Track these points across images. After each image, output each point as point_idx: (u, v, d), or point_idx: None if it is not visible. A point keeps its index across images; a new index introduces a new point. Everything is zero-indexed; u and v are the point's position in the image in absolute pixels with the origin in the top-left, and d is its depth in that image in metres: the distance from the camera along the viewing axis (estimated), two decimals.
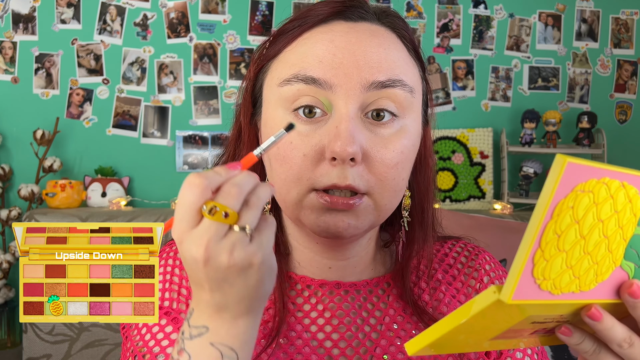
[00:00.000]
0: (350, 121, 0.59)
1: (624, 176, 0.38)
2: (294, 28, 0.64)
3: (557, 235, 0.36)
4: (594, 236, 0.38)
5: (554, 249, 0.37)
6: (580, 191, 0.36)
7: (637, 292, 0.42)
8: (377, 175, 0.60)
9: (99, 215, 2.30)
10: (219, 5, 2.79)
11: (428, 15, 2.86)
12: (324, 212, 0.60)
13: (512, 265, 0.36)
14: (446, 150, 2.78)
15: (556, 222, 0.36)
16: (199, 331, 0.50)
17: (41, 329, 2.11)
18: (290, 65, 0.61)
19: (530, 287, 0.37)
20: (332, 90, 0.59)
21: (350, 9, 0.64)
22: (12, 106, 2.65)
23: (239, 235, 0.46)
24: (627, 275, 0.42)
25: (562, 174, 0.34)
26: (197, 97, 2.77)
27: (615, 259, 0.40)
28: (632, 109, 2.88)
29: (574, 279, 0.39)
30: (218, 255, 0.46)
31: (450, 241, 0.77)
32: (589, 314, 0.42)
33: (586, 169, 0.36)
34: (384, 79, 0.60)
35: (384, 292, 0.69)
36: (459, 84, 2.87)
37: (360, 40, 0.61)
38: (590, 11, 2.88)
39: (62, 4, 2.70)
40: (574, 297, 0.40)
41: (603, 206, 0.37)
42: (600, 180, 0.37)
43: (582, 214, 0.36)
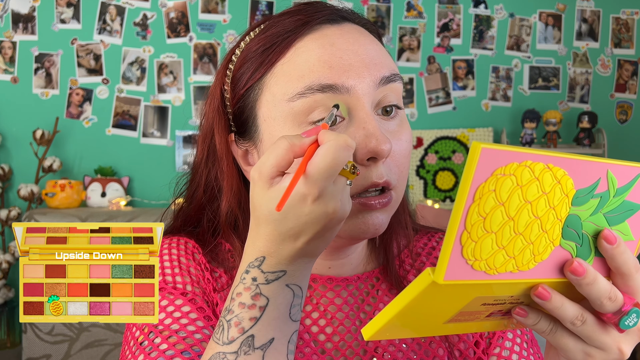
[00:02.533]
0: (375, 119, 0.59)
1: (548, 159, 0.39)
2: (281, 38, 0.62)
3: (481, 217, 0.38)
4: (524, 217, 0.39)
5: (480, 230, 0.38)
6: (501, 174, 0.37)
7: (578, 270, 0.43)
8: (398, 167, 0.62)
9: (98, 215, 2.30)
10: (218, 5, 2.79)
11: (428, 15, 2.86)
12: (362, 215, 0.60)
13: (442, 247, 0.38)
14: (446, 150, 2.78)
15: (479, 205, 0.37)
16: (277, 275, 0.53)
17: (41, 329, 2.11)
18: (296, 78, 0.60)
19: (462, 268, 0.39)
20: (349, 93, 0.59)
21: (333, 13, 0.64)
22: (11, 106, 2.65)
23: (348, 189, 0.52)
24: (569, 254, 0.43)
25: (478, 160, 0.36)
26: (197, 97, 2.77)
27: (552, 239, 0.42)
28: (633, 109, 2.88)
29: (509, 259, 0.40)
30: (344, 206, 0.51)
31: (438, 234, 0.78)
32: (536, 293, 0.44)
33: (504, 153, 0.37)
34: (388, 73, 0.61)
35: (373, 286, 0.69)
36: (459, 83, 2.87)
37: (357, 40, 0.61)
38: (591, 11, 2.88)
39: (62, 3, 2.70)
40: (514, 276, 0.41)
41: (528, 188, 0.39)
42: (522, 163, 0.38)
43: (506, 196, 0.38)
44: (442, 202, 2.72)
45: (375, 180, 0.59)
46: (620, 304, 0.45)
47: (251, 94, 0.64)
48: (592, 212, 0.43)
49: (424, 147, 2.78)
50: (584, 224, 0.43)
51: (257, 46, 0.63)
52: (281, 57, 0.61)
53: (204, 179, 0.70)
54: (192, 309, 0.63)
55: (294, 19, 0.62)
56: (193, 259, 0.68)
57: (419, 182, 2.80)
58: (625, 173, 0.43)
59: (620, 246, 0.44)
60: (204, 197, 0.70)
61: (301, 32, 0.61)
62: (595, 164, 0.42)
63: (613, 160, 0.43)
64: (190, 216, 0.72)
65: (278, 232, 0.52)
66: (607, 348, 0.47)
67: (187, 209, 0.73)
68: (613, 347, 0.47)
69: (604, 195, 0.43)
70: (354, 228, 0.60)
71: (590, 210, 0.43)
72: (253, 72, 0.63)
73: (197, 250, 0.69)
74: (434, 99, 2.87)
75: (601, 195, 0.43)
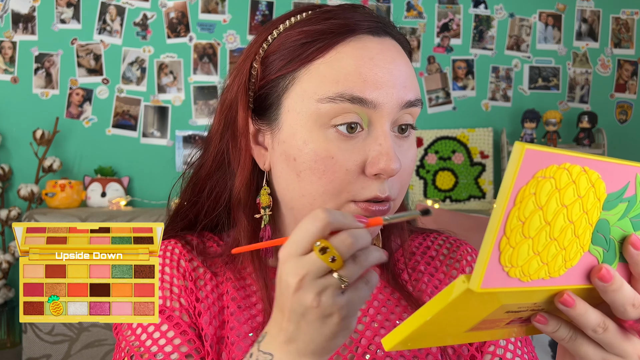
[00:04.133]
0: (390, 138, 0.62)
1: (584, 161, 0.38)
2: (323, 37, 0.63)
3: (521, 222, 0.37)
4: (559, 221, 0.38)
5: (519, 235, 0.37)
6: (542, 177, 0.36)
7: (606, 276, 0.42)
8: (402, 182, 0.64)
9: (98, 215, 2.30)
10: (218, 5, 2.78)
11: (428, 15, 2.86)
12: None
13: (479, 253, 0.37)
14: (446, 150, 2.78)
15: (519, 209, 0.36)
16: (265, 357, 0.52)
17: (41, 329, 2.11)
18: (330, 82, 0.61)
19: (499, 275, 0.37)
20: (375, 109, 0.61)
21: (378, 25, 0.65)
22: (11, 106, 2.65)
23: (334, 282, 0.48)
24: (596, 260, 0.42)
25: (522, 161, 0.35)
26: (197, 97, 2.77)
27: (582, 244, 0.41)
28: (633, 109, 2.88)
29: (543, 265, 0.39)
30: (307, 291, 0.48)
31: (433, 234, 0.80)
32: (561, 300, 0.43)
33: (545, 155, 0.36)
34: (413, 98, 0.64)
35: None
36: (459, 83, 2.87)
37: (394, 59, 0.63)
38: (591, 11, 2.88)
39: (62, 3, 2.70)
40: (544, 283, 0.40)
41: (566, 191, 0.38)
42: (561, 166, 0.37)
43: (545, 200, 0.37)
44: (441, 202, 2.72)
45: (377, 194, 0.61)
46: None
47: (281, 82, 0.65)
48: (620, 216, 0.42)
49: (424, 147, 2.78)
50: (612, 229, 0.42)
51: (298, 37, 0.64)
52: (320, 57, 0.62)
53: (216, 149, 0.71)
54: (169, 327, 0.64)
55: (339, 21, 0.64)
56: (178, 270, 0.69)
57: (419, 182, 2.80)
58: None
59: None
60: (212, 165, 0.71)
61: (344, 38, 0.63)
62: (626, 167, 0.41)
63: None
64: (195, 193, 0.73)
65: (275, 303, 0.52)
66: (627, 355, 0.46)
67: (195, 177, 0.74)
68: (634, 355, 0.46)
69: (631, 200, 0.42)
70: None
71: (618, 215, 0.42)
72: (288, 61, 0.64)
73: (184, 257, 0.70)
74: (434, 99, 2.87)
75: (629, 199, 0.42)
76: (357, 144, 0.62)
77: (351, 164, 0.61)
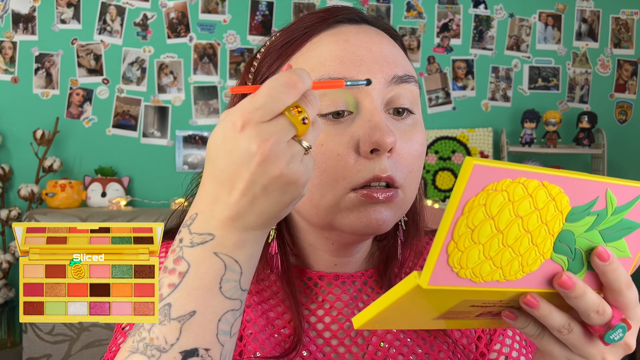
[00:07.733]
0: (382, 114, 0.60)
1: (543, 176, 0.40)
2: (301, 33, 0.63)
3: (470, 229, 0.39)
4: (513, 230, 0.41)
5: (467, 241, 0.40)
6: (493, 190, 0.39)
7: (567, 283, 0.44)
8: (407, 166, 0.61)
9: (99, 215, 2.30)
10: (219, 5, 2.79)
11: (428, 15, 2.86)
12: (364, 207, 0.59)
13: (429, 253, 0.40)
14: (446, 150, 2.78)
15: (467, 217, 0.39)
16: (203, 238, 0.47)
17: (41, 329, 2.11)
18: (308, 71, 0.59)
19: (448, 274, 0.40)
20: (360, 88, 0.60)
21: (353, 13, 0.65)
22: (12, 106, 2.66)
23: (300, 149, 0.46)
24: (559, 267, 0.45)
25: (470, 175, 0.38)
26: (197, 97, 2.77)
27: (543, 252, 0.43)
28: (632, 109, 2.88)
29: (496, 269, 0.42)
30: (277, 159, 0.44)
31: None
32: (525, 301, 0.45)
33: (496, 170, 0.39)
34: (402, 73, 0.61)
35: (378, 282, 0.70)
36: (459, 83, 2.87)
37: (372, 37, 0.62)
38: (591, 11, 2.88)
39: (62, 4, 2.70)
40: (500, 285, 0.43)
41: (520, 204, 0.40)
42: (515, 180, 0.39)
43: (496, 210, 0.40)
44: (441, 202, 2.73)
45: (377, 173, 0.58)
46: (608, 317, 0.46)
47: None
48: (587, 228, 0.44)
49: None
50: (577, 240, 0.44)
51: (278, 41, 0.65)
52: (297, 51, 0.62)
53: None
54: None
55: (315, 16, 0.64)
56: None
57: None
58: (625, 192, 0.44)
59: (613, 263, 0.45)
60: None
61: (319, 28, 0.63)
62: (594, 183, 0.43)
63: (613, 180, 0.43)
64: None
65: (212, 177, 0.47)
66: (591, 358, 0.48)
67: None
68: (597, 357, 0.48)
69: (601, 213, 0.44)
70: (357, 222, 0.60)
71: (585, 227, 0.44)
72: (271, 64, 0.64)
73: None
74: (434, 99, 2.87)
75: (598, 212, 0.44)
76: (346, 127, 0.60)
77: (342, 148, 0.59)
